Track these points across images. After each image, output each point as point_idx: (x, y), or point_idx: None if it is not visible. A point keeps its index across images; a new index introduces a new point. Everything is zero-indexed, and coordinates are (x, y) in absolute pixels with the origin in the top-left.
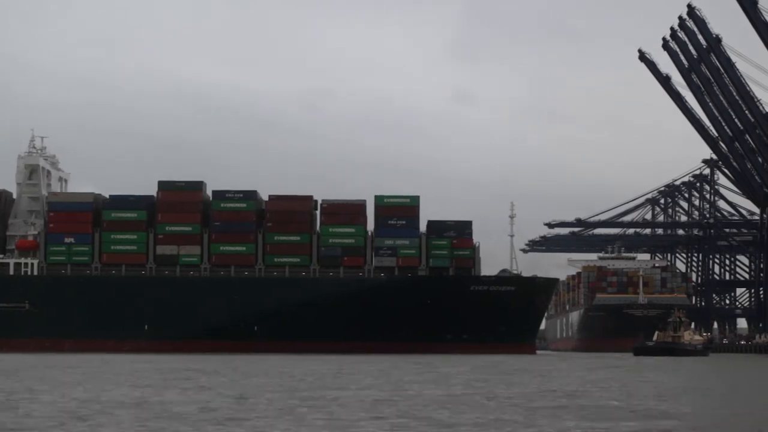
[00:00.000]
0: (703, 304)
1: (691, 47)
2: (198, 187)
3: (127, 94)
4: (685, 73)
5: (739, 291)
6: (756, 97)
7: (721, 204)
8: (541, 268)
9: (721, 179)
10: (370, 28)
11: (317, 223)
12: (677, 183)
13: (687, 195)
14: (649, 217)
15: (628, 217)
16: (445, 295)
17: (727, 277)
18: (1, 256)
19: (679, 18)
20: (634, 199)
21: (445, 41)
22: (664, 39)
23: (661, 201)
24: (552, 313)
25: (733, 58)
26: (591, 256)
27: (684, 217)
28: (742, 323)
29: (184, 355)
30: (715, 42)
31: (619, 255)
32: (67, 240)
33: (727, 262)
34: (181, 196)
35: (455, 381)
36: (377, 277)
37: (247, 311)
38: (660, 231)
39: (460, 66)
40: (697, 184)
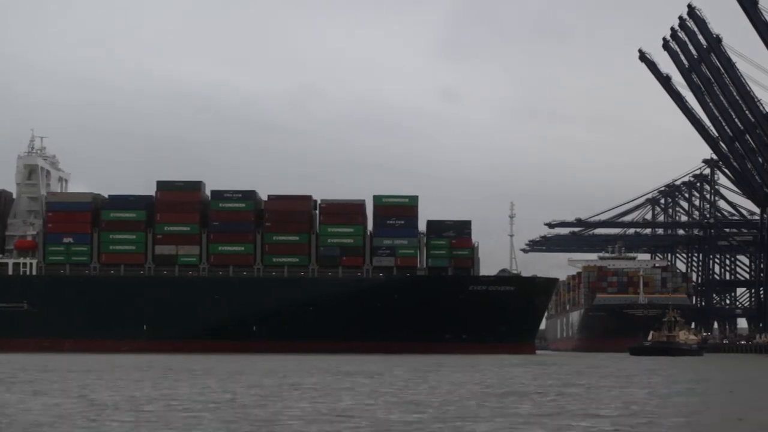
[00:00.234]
0: (703, 304)
1: (691, 47)
2: (197, 187)
3: (127, 94)
4: (685, 73)
5: (739, 291)
6: (756, 97)
7: (722, 204)
8: (541, 268)
9: (722, 179)
10: (362, 28)
11: (316, 223)
12: (677, 183)
13: (687, 195)
14: (649, 217)
15: (628, 217)
16: (444, 295)
17: (728, 277)
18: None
19: (680, 18)
20: (635, 199)
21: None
22: (664, 39)
23: (662, 201)
24: (552, 313)
25: (734, 58)
26: (591, 256)
27: (684, 217)
28: (742, 323)
29: (182, 355)
30: (715, 42)
31: (620, 255)
32: (66, 240)
33: (727, 262)
34: (179, 196)
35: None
36: (376, 277)
37: (246, 311)
38: (660, 231)
39: (461, 66)
40: (698, 184)
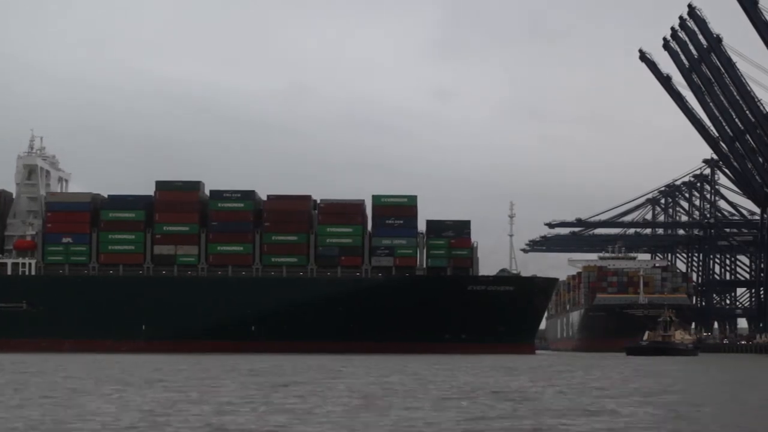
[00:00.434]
0: (703, 304)
1: (691, 47)
2: (196, 187)
3: (126, 95)
4: (685, 73)
5: (739, 291)
6: (756, 97)
7: (722, 204)
8: (541, 268)
9: (722, 179)
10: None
11: (315, 222)
12: (678, 183)
13: (687, 195)
14: (649, 217)
15: (628, 217)
16: (443, 295)
17: (728, 277)
18: None
19: (680, 18)
20: (635, 199)
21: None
22: (664, 39)
23: (662, 201)
24: (552, 313)
25: (734, 58)
26: (591, 256)
27: (684, 217)
28: (742, 323)
29: (180, 355)
30: (715, 42)
31: (620, 255)
32: (65, 240)
33: (727, 262)
34: (178, 196)
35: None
36: (375, 277)
37: (245, 311)
38: (660, 231)
39: (460, 66)
40: (698, 184)
